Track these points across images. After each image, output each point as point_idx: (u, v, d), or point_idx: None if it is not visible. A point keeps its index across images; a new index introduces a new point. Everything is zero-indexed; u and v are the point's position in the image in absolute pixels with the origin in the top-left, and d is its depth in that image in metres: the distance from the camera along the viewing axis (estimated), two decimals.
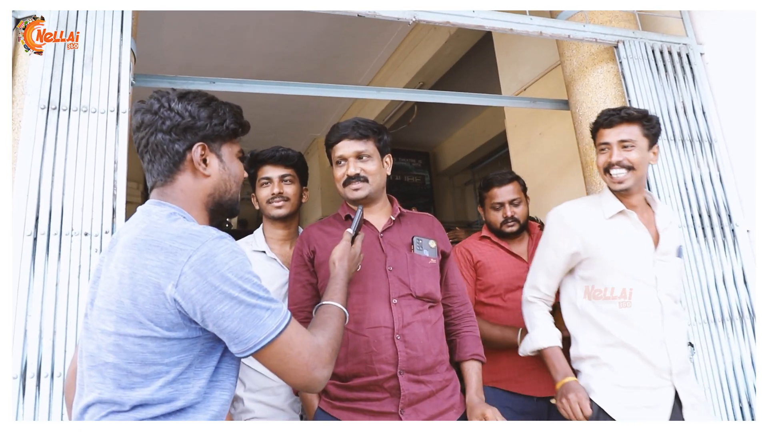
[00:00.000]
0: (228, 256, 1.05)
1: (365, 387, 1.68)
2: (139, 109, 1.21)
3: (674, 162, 2.37)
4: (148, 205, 1.19)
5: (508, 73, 4.02)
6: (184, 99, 1.20)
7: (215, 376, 1.10)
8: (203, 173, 1.20)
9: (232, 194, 1.27)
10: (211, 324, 1.04)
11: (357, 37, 4.81)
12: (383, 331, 1.70)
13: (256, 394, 2.04)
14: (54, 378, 1.51)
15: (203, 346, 1.08)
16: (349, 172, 1.83)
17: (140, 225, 1.13)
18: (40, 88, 1.68)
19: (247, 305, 1.05)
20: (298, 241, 1.92)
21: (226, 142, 1.25)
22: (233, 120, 1.26)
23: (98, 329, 1.08)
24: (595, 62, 2.55)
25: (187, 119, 1.19)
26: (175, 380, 1.05)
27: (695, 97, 2.51)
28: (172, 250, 1.04)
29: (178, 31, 4.47)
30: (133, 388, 1.03)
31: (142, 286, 1.03)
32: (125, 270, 1.06)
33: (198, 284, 1.02)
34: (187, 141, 1.19)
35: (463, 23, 2.18)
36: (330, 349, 1.18)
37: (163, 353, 1.04)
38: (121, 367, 1.04)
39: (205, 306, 1.02)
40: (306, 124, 6.29)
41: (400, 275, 1.78)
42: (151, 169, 1.20)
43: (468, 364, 1.87)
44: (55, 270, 1.58)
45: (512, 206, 2.41)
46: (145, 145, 1.19)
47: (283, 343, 1.08)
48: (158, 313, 1.03)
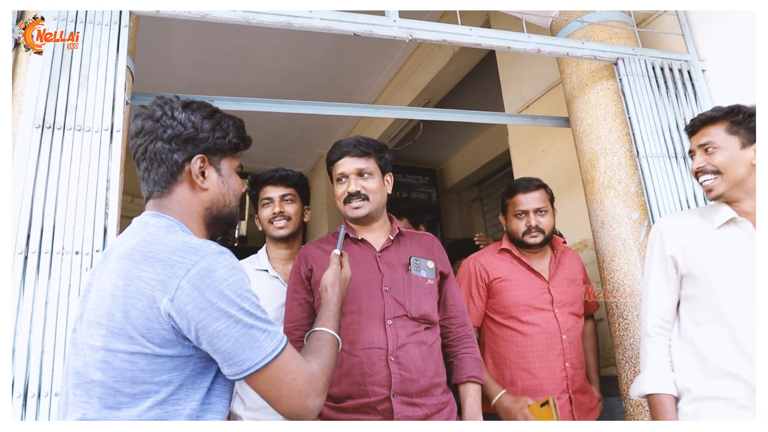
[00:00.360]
0: (228, 272, 1.02)
1: (358, 409, 1.66)
2: (140, 114, 1.18)
3: (675, 179, 2.34)
4: (145, 216, 1.16)
5: (511, 90, 4.02)
6: (187, 109, 1.18)
7: (207, 399, 1.05)
8: (201, 186, 1.18)
9: (231, 209, 1.24)
10: (205, 342, 1.00)
11: (363, 55, 4.84)
12: (377, 352, 1.68)
13: (255, 413, 2.02)
14: (41, 398, 1.50)
15: (196, 366, 1.04)
16: (350, 190, 1.82)
17: (137, 236, 1.09)
18: (35, 107, 1.70)
19: (243, 325, 1.01)
20: (296, 259, 1.92)
21: (226, 156, 1.23)
22: (236, 134, 1.24)
23: (86, 344, 1.03)
24: (595, 79, 2.54)
25: (190, 130, 1.16)
26: (165, 401, 1.00)
27: (697, 114, 2.48)
28: (169, 263, 1.01)
29: (185, 49, 4.53)
30: (120, 409, 0.98)
31: (136, 299, 0.99)
32: (119, 282, 1.02)
33: (195, 300, 0.98)
34: (187, 152, 1.16)
35: (460, 41, 2.17)
36: (324, 377, 1.14)
37: (154, 371, 0.99)
38: (108, 385, 0.99)
39: (201, 323, 0.98)
40: (312, 141, 6.30)
41: (396, 296, 1.76)
42: (147, 178, 1.17)
43: (464, 387, 1.83)
44: (45, 289, 1.57)
45: (537, 215, 2.27)
46: (143, 152, 1.16)
47: (278, 368, 1.04)
48: (151, 328, 0.99)
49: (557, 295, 2.24)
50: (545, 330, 2.18)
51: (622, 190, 2.37)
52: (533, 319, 2.19)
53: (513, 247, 2.34)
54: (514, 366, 2.18)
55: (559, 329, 2.18)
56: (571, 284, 2.31)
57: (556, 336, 2.17)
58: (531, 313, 2.20)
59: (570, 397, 2.16)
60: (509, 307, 2.23)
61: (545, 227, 2.28)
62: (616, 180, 2.40)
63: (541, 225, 2.26)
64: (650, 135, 2.37)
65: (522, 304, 2.21)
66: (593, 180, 2.48)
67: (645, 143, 2.35)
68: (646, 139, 2.36)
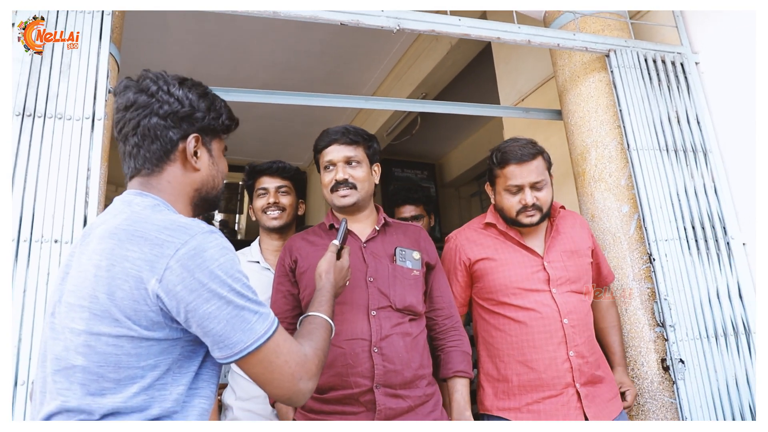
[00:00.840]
0: (218, 252, 0.99)
1: (341, 400, 1.65)
2: (130, 86, 1.13)
3: (666, 173, 2.31)
4: (128, 195, 1.12)
5: (506, 84, 3.99)
6: (183, 85, 1.15)
7: (195, 383, 1.02)
8: (194, 166, 1.15)
9: (218, 191, 1.23)
10: (195, 325, 0.97)
11: (360, 48, 4.82)
12: (360, 343, 1.67)
13: (246, 402, 2.03)
14: (17, 386, 1.50)
15: (183, 349, 1.00)
16: (337, 177, 1.81)
17: (120, 215, 1.05)
18: (15, 95, 1.69)
19: (235, 306, 0.98)
20: (282, 251, 1.91)
21: (216, 137, 1.21)
22: (228, 115, 1.22)
23: (66, 328, 0.99)
24: (587, 72, 2.51)
25: (187, 108, 1.14)
26: (151, 386, 0.96)
27: (690, 107, 2.46)
28: (157, 242, 0.97)
29: (181, 42, 4.52)
30: (104, 395, 0.94)
31: (122, 280, 0.95)
32: (102, 262, 0.98)
33: (184, 280, 0.95)
34: (183, 130, 1.13)
35: (449, 32, 2.15)
36: (317, 360, 1.11)
37: (140, 355, 0.96)
38: (91, 370, 0.95)
39: (191, 304, 0.95)
40: (310, 135, 6.22)
41: (381, 286, 1.74)
42: (136, 155, 1.13)
43: (452, 382, 1.81)
44: (24, 277, 1.57)
45: (534, 190, 1.94)
46: (134, 127, 1.11)
47: (270, 351, 1.01)
48: (137, 310, 0.95)
49: (554, 271, 1.93)
50: (542, 315, 1.87)
51: (612, 183, 2.35)
52: (527, 303, 1.89)
53: (499, 221, 2.02)
54: (508, 359, 1.89)
55: (559, 312, 1.87)
56: (573, 256, 1.99)
57: (555, 320, 1.86)
58: (523, 296, 1.90)
59: (577, 392, 1.84)
60: (497, 291, 1.94)
61: (543, 203, 1.94)
62: (606, 173, 2.37)
63: (538, 202, 1.93)
64: (641, 128, 2.34)
65: (512, 286, 1.92)
66: (584, 173, 2.46)
67: (636, 136, 2.33)
68: (637, 132, 2.33)
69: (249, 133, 6.17)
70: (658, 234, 2.22)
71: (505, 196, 1.96)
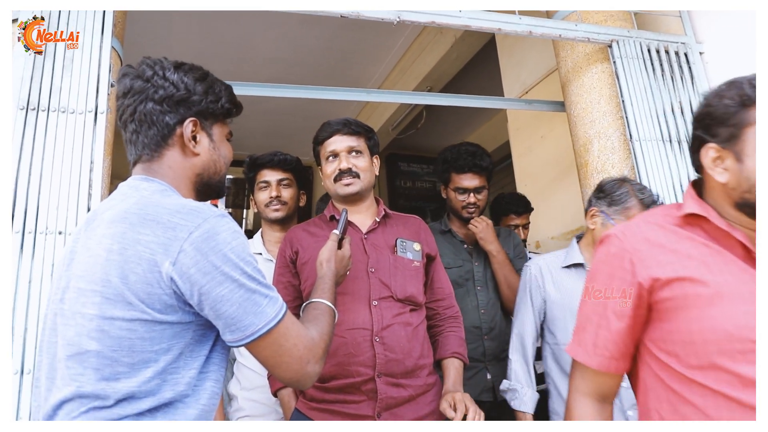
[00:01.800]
0: (231, 235, 0.99)
1: (342, 389, 1.66)
2: (128, 73, 1.13)
3: (669, 163, 2.31)
4: (134, 180, 1.12)
5: (510, 76, 3.99)
6: (179, 69, 1.14)
7: (206, 367, 1.03)
8: (192, 151, 1.14)
9: (221, 176, 1.22)
10: (207, 307, 0.97)
11: (365, 43, 4.83)
12: (362, 332, 1.68)
13: (250, 392, 2.05)
14: (24, 375, 1.52)
15: (195, 333, 1.01)
16: (341, 167, 1.82)
17: (128, 199, 1.05)
18: (20, 89, 1.71)
19: (247, 290, 0.99)
20: (282, 242, 1.92)
21: (218, 122, 1.20)
22: (228, 99, 1.20)
23: (78, 313, 0.98)
24: (590, 62, 2.50)
25: (182, 92, 1.12)
26: (164, 370, 0.96)
27: (693, 97, 2.44)
28: (170, 225, 0.96)
29: (186, 38, 4.54)
30: (118, 379, 0.94)
31: (135, 263, 0.95)
32: (113, 246, 0.97)
33: (198, 263, 0.95)
34: (179, 115, 1.12)
35: (449, 23, 2.15)
36: (323, 344, 1.13)
37: (153, 339, 0.96)
38: (105, 355, 0.94)
39: (204, 287, 0.95)
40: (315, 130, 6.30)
41: (382, 277, 1.76)
42: (135, 141, 1.13)
43: (448, 361, 1.82)
44: (29, 268, 1.59)
45: None
46: (131, 113, 1.12)
47: (280, 334, 1.02)
48: (151, 293, 0.95)
49: None
50: None
51: (615, 174, 2.34)
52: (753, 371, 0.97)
53: (711, 212, 1.10)
54: None
55: None
56: None
57: None
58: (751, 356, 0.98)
59: None
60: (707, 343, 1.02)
61: None
62: (609, 164, 2.37)
63: None
64: (644, 119, 2.34)
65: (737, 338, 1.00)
66: (587, 164, 2.45)
67: (638, 127, 2.32)
68: (640, 123, 2.33)
69: (254, 129, 6.19)
70: None
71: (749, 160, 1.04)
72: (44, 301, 1.57)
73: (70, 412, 0.94)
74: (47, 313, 1.07)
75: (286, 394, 1.79)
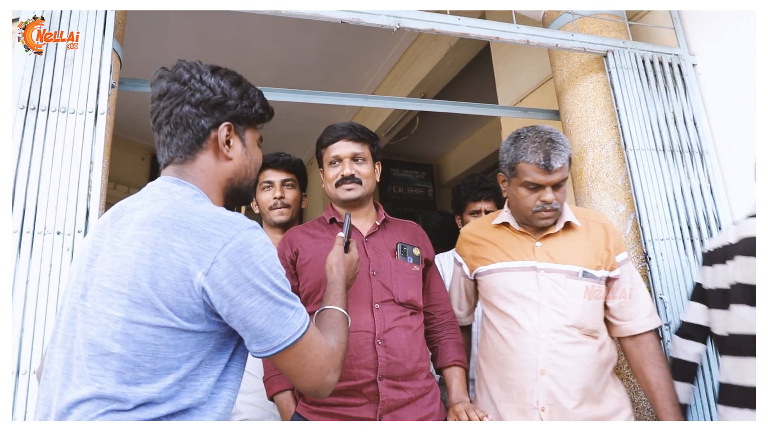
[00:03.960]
0: (263, 248, 1.00)
1: (343, 392, 1.66)
2: (164, 76, 1.14)
3: (663, 173, 2.34)
4: (166, 182, 1.11)
5: (505, 84, 4.02)
6: (216, 74, 1.14)
7: (224, 375, 1.03)
8: (226, 155, 1.14)
9: (250, 182, 1.22)
10: (237, 319, 0.98)
11: (360, 48, 4.84)
12: (364, 335, 1.69)
13: (248, 396, 2.04)
14: (20, 375, 1.51)
15: (216, 342, 1.01)
16: (344, 173, 1.83)
17: (161, 202, 1.04)
18: (20, 89, 1.70)
19: (276, 302, 1.00)
20: (281, 243, 1.92)
21: (250, 126, 1.21)
22: (262, 104, 1.21)
23: (102, 313, 0.97)
24: (585, 72, 2.54)
25: (219, 96, 1.13)
26: (185, 377, 0.97)
27: (686, 108, 2.48)
28: (205, 235, 0.96)
29: (182, 40, 4.53)
30: (139, 384, 0.94)
31: (166, 270, 0.95)
32: (145, 249, 0.97)
33: (230, 275, 0.95)
34: (215, 119, 1.13)
35: (448, 31, 2.17)
36: (341, 353, 1.14)
37: (177, 347, 0.96)
38: (128, 359, 0.94)
39: (235, 299, 0.96)
40: (308, 135, 6.30)
41: (383, 280, 1.77)
42: (169, 143, 1.13)
43: (450, 370, 1.85)
44: (27, 267, 1.58)
45: None
46: (167, 116, 1.12)
47: (304, 345, 1.04)
48: (180, 302, 0.95)
49: None
50: None
51: (609, 183, 2.38)
52: None
53: None
54: None
55: None
56: None
57: None
58: None
59: None
60: None
61: None
62: (603, 173, 2.40)
63: None
64: (638, 128, 2.37)
65: None
66: (581, 173, 2.48)
67: (633, 136, 2.35)
68: (634, 132, 2.36)
69: None
70: (654, 233, 2.25)
71: None
72: (42, 301, 1.57)
73: (87, 413, 0.93)
74: (63, 305, 1.07)
75: (284, 399, 1.78)
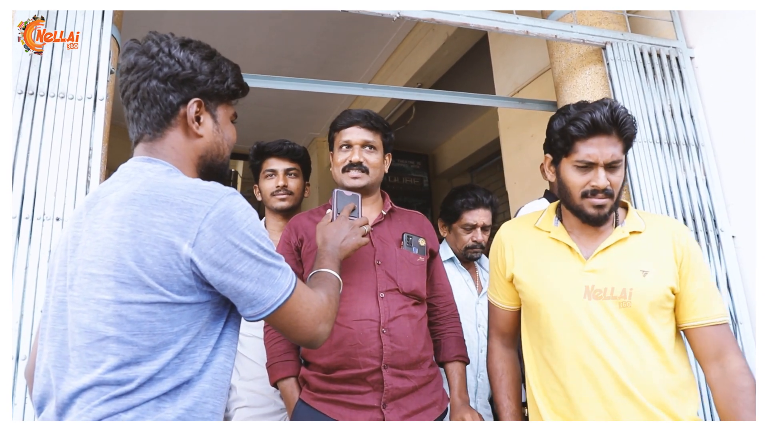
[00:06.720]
0: (245, 213, 0.99)
1: (348, 380, 1.67)
2: (132, 48, 1.10)
3: (659, 165, 2.36)
4: (137, 161, 1.08)
5: (502, 75, 4.02)
6: (186, 47, 1.10)
7: (219, 343, 1.03)
8: (195, 132, 1.11)
9: (224, 159, 1.19)
10: (228, 286, 0.98)
11: (356, 37, 4.82)
12: (369, 324, 1.69)
13: (249, 382, 2.05)
14: (19, 361, 1.52)
15: (211, 312, 1.01)
16: (352, 159, 1.82)
17: (134, 181, 1.02)
18: (18, 74, 1.69)
19: (264, 264, 1.00)
20: (286, 228, 1.91)
21: (223, 103, 1.17)
22: (235, 80, 1.17)
23: (92, 299, 0.95)
24: (584, 64, 2.54)
25: (188, 70, 1.08)
26: (183, 350, 0.96)
27: (683, 101, 2.50)
28: (185, 207, 0.95)
29: (177, 28, 4.45)
30: (140, 363, 0.93)
31: (150, 246, 0.93)
32: (125, 229, 0.95)
33: (217, 243, 0.95)
34: (183, 94, 1.09)
35: (448, 20, 2.17)
36: (332, 306, 1.16)
37: (173, 321, 0.95)
38: (125, 340, 0.93)
39: (225, 266, 0.96)
40: (305, 124, 6.30)
41: (388, 270, 1.77)
42: (137, 119, 1.10)
43: (452, 365, 1.87)
44: (25, 254, 1.58)
45: None
46: (134, 90, 1.07)
47: (295, 301, 1.05)
48: (169, 276, 0.94)
49: None
50: None
51: None
52: None
53: None
54: None
55: None
56: None
57: None
58: None
59: None
60: None
61: None
62: None
63: None
64: (636, 120, 2.37)
65: None
66: None
67: None
68: None
69: (241, 120, 6.05)
70: None
71: None
72: (41, 288, 1.57)
73: (90, 401, 0.92)
74: (48, 301, 1.05)
75: (288, 385, 1.78)
